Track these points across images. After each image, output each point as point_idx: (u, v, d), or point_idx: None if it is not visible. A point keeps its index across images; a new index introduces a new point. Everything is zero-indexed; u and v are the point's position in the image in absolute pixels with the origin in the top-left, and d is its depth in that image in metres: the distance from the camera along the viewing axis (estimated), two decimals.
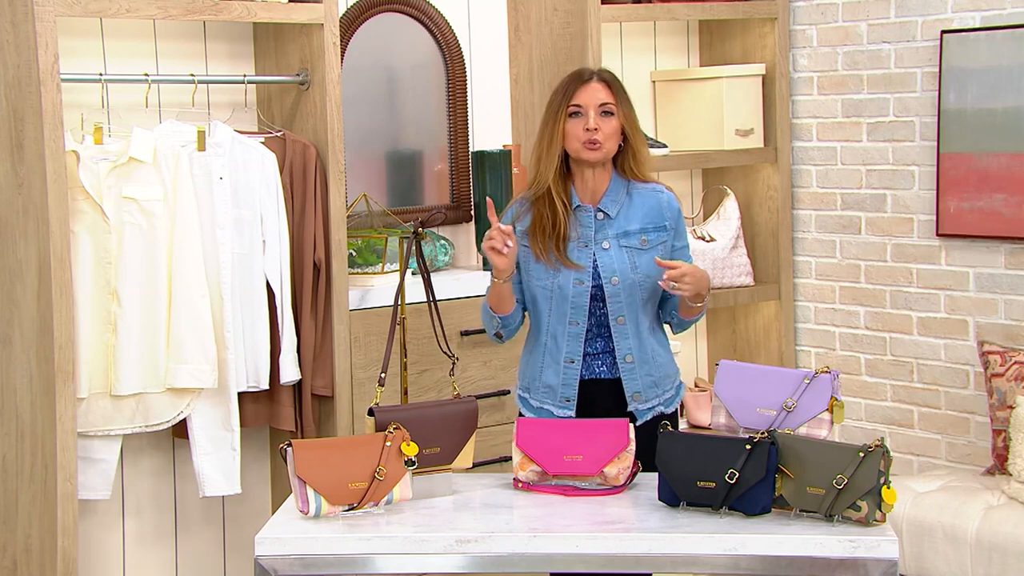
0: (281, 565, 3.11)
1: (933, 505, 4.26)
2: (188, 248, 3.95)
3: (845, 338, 5.12)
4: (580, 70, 3.71)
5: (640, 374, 3.63)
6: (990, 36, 4.59)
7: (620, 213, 3.64)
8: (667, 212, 3.68)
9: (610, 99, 3.63)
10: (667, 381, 3.69)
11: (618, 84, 3.69)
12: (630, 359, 3.62)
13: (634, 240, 3.63)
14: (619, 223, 3.64)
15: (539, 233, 3.62)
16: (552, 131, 3.64)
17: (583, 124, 3.61)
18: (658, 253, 3.63)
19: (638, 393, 3.63)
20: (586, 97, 3.62)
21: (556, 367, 3.63)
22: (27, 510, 3.83)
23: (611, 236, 3.63)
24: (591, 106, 3.61)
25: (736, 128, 5.07)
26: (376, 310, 4.30)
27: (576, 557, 3.08)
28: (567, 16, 4.76)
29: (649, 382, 3.64)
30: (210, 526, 4.42)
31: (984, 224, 4.65)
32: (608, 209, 3.64)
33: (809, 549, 3.02)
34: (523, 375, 3.73)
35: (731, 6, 5.04)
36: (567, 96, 3.64)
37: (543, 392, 3.65)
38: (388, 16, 4.74)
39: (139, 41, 4.20)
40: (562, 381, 3.63)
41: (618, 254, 3.61)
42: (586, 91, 3.63)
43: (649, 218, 3.66)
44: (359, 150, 4.70)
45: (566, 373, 3.62)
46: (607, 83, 3.66)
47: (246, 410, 4.15)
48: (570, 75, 3.71)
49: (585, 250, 3.62)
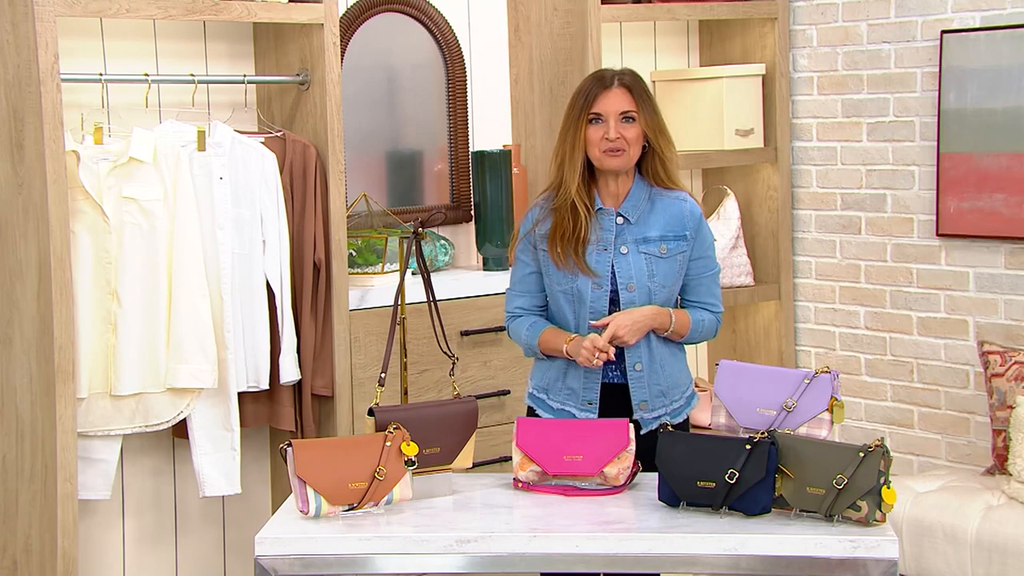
0: (281, 565, 3.11)
1: (933, 505, 4.26)
2: (188, 248, 3.95)
3: (845, 338, 5.12)
4: (602, 73, 3.64)
5: (648, 383, 3.61)
6: (990, 36, 4.59)
7: (640, 219, 3.61)
8: (689, 221, 3.64)
9: (631, 106, 3.57)
10: (676, 391, 3.66)
11: (640, 88, 3.62)
12: (639, 367, 3.59)
13: (653, 247, 3.60)
14: (639, 228, 3.60)
15: (559, 239, 3.58)
16: (574, 138, 3.58)
17: (603, 132, 3.56)
18: (676, 262, 3.61)
19: (644, 402, 3.61)
20: (607, 104, 3.57)
21: (579, 370, 3.61)
22: (27, 510, 3.83)
23: (630, 241, 3.59)
24: (612, 114, 3.56)
25: (736, 128, 5.06)
26: (376, 310, 4.30)
27: (576, 557, 3.08)
28: (567, 16, 4.76)
29: (657, 391, 3.62)
30: (210, 526, 4.42)
31: (984, 224, 4.65)
32: (628, 214, 3.60)
33: (809, 549, 3.02)
34: (542, 375, 3.69)
35: (731, 6, 5.04)
36: (588, 102, 3.58)
37: (565, 394, 3.64)
38: (388, 16, 4.74)
39: (139, 41, 4.20)
40: (584, 384, 3.62)
41: (636, 260, 3.58)
42: (607, 98, 3.58)
43: (670, 226, 3.62)
44: (359, 150, 4.70)
45: (587, 376, 3.61)
46: (628, 88, 3.59)
47: (246, 410, 4.15)
48: (592, 77, 3.65)
49: (604, 254, 3.58)
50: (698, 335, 3.67)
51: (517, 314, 3.70)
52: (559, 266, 3.59)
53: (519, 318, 3.69)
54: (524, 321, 3.68)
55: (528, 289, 3.69)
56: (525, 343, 3.67)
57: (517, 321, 3.69)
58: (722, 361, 3.50)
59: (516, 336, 3.70)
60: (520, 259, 3.70)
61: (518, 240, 3.70)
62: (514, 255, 3.73)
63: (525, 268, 3.69)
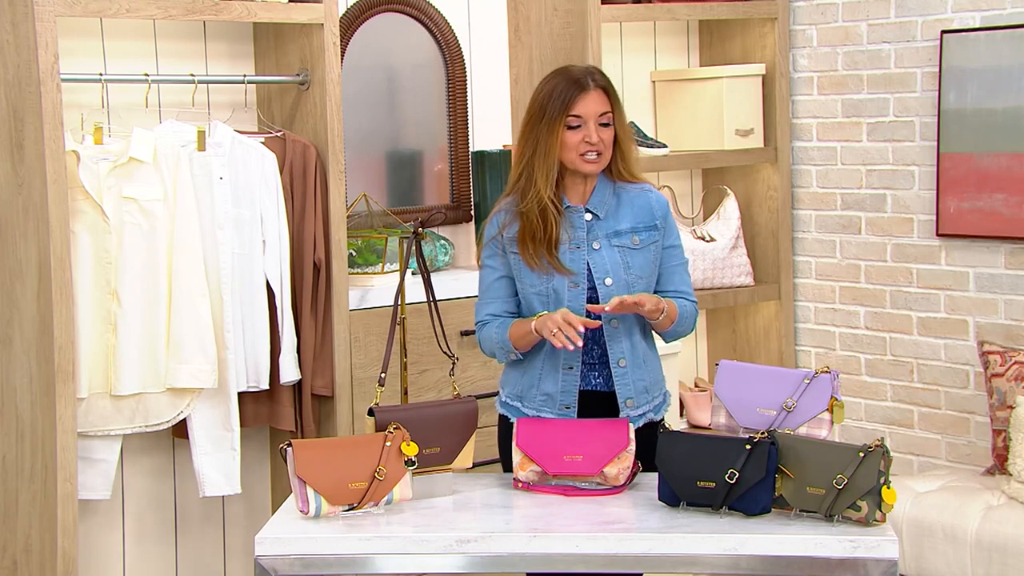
0: (281, 565, 3.11)
1: (933, 505, 4.26)
2: (188, 248, 3.95)
3: (845, 338, 5.12)
4: (575, 76, 3.51)
5: (633, 379, 3.55)
6: (990, 36, 4.59)
7: (608, 214, 3.55)
8: (657, 211, 3.58)
9: (608, 108, 3.50)
10: (656, 387, 3.62)
11: (613, 88, 3.55)
12: (623, 363, 3.54)
13: (625, 239, 3.55)
14: (608, 223, 3.55)
15: (530, 241, 3.51)
16: (548, 141, 3.48)
17: (583, 136, 3.48)
18: (651, 252, 3.56)
19: (631, 399, 3.55)
20: (587, 107, 3.48)
21: (555, 375, 3.55)
22: (27, 510, 3.83)
23: (601, 236, 3.54)
24: (591, 116, 3.48)
25: (736, 128, 5.06)
26: (376, 310, 4.30)
27: (576, 557, 3.08)
28: (567, 16, 4.76)
29: (641, 387, 3.57)
30: (210, 526, 4.42)
31: (984, 224, 4.65)
32: (597, 210, 3.55)
33: (809, 549, 3.02)
34: (515, 383, 3.60)
35: (731, 6, 5.04)
36: (566, 105, 3.49)
37: (541, 400, 3.56)
38: (388, 16, 4.74)
39: (139, 41, 4.20)
40: (561, 388, 3.56)
41: (610, 254, 3.53)
42: (586, 101, 3.49)
43: (639, 218, 3.57)
44: (359, 150, 4.70)
45: (565, 380, 3.55)
46: (605, 90, 3.52)
47: (246, 410, 4.15)
48: (564, 79, 3.51)
49: (577, 252, 3.53)
50: (684, 323, 3.58)
51: (486, 321, 3.60)
52: (533, 268, 3.51)
53: (487, 324, 3.59)
54: (492, 324, 3.58)
55: (498, 295, 3.60)
56: (498, 343, 3.56)
57: (486, 327, 3.59)
58: (722, 361, 3.50)
59: (488, 341, 3.59)
60: (487, 265, 3.61)
61: (484, 246, 3.61)
62: (480, 262, 3.63)
63: (493, 274, 3.60)
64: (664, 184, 5.16)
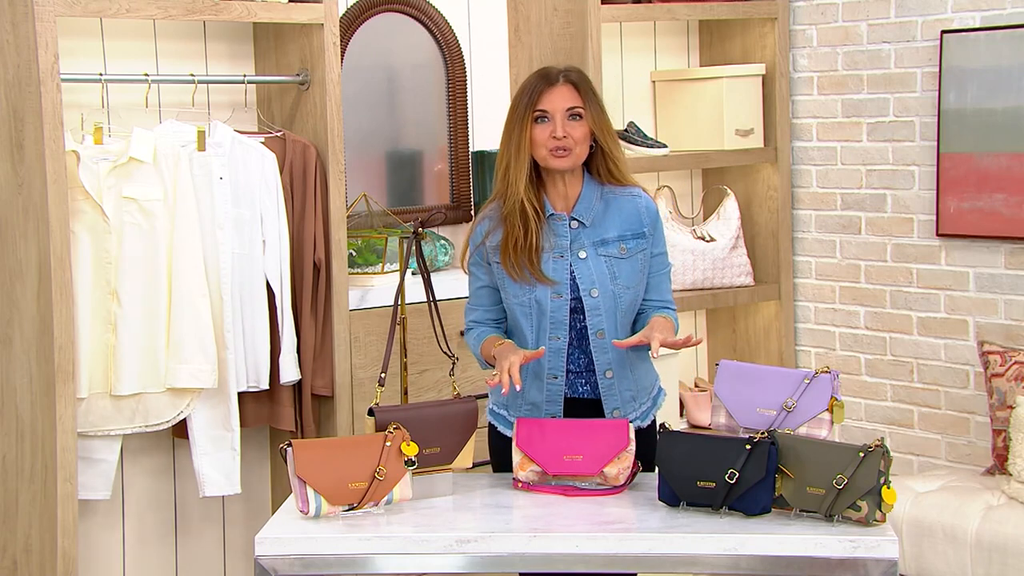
0: (281, 565, 3.11)
1: (933, 505, 4.26)
2: (188, 248, 3.95)
3: (845, 338, 5.12)
4: (546, 70, 3.48)
5: (620, 389, 3.51)
6: (990, 36, 4.59)
7: (595, 221, 3.48)
8: (645, 217, 3.51)
9: (578, 102, 3.43)
10: (643, 394, 3.57)
11: (587, 85, 3.47)
12: (610, 374, 3.49)
13: (612, 248, 3.48)
14: (595, 231, 3.48)
15: (511, 249, 3.44)
16: (519, 138, 3.42)
17: (550, 130, 3.41)
18: (638, 261, 3.49)
19: (617, 409, 3.52)
20: (552, 101, 3.42)
21: (540, 384, 3.52)
22: (27, 510, 3.83)
23: (588, 245, 3.47)
24: (558, 111, 3.41)
25: (736, 128, 5.07)
26: (376, 310, 4.30)
27: (576, 557, 3.08)
28: (567, 16, 4.76)
29: (628, 396, 3.53)
30: (210, 526, 4.42)
31: (984, 224, 4.65)
32: (582, 217, 3.46)
33: (809, 549, 3.02)
34: (499, 392, 3.48)
35: (731, 6, 5.04)
36: (532, 100, 3.42)
37: (526, 409, 3.53)
38: (388, 16, 4.74)
39: (139, 41, 4.20)
40: (546, 398, 3.52)
41: (596, 264, 3.46)
42: (552, 95, 3.42)
43: (627, 225, 3.49)
44: (359, 150, 4.70)
45: (550, 389, 3.52)
46: (575, 84, 3.44)
47: (246, 410, 4.15)
48: (536, 75, 3.48)
49: (561, 261, 3.46)
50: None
51: (470, 327, 3.61)
52: (515, 278, 3.46)
53: (471, 330, 3.61)
54: (474, 331, 3.59)
55: (481, 303, 3.59)
56: (475, 354, 3.58)
57: (469, 333, 3.61)
58: (722, 361, 3.49)
59: (471, 347, 3.60)
60: (473, 272, 3.59)
61: (469, 255, 3.58)
62: (466, 267, 3.61)
63: (477, 282, 3.58)
64: (664, 184, 5.16)
